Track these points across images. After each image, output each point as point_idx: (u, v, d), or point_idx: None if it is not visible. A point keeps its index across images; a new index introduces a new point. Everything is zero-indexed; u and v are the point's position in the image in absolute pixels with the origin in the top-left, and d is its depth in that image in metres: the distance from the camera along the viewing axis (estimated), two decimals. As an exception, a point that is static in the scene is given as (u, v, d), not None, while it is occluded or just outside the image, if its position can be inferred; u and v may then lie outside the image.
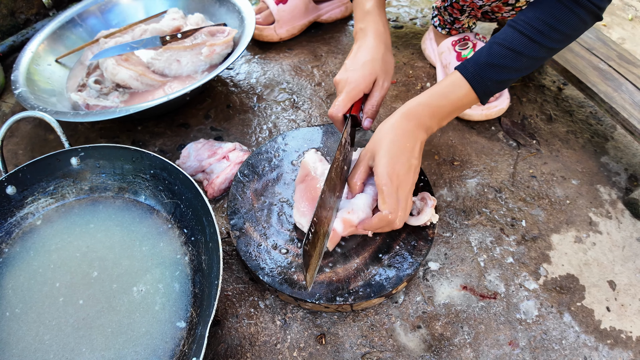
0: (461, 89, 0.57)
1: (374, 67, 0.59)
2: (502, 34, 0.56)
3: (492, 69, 0.55)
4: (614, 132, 0.85)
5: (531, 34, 0.54)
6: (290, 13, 0.96)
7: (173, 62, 0.82)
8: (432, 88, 0.58)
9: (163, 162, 0.61)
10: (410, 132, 0.55)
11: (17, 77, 0.77)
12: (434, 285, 0.62)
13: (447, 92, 0.57)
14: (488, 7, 0.74)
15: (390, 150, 0.53)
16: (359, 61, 0.59)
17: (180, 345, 0.52)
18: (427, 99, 0.57)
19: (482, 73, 0.56)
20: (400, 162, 0.53)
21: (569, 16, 0.53)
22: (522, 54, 0.55)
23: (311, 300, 0.55)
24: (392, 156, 0.53)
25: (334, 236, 0.55)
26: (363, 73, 0.58)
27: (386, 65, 0.61)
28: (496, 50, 0.55)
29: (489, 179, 0.76)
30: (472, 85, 0.56)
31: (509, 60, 0.55)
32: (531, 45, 0.54)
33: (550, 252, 0.67)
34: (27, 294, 0.56)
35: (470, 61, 0.57)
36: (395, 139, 0.54)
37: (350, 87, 0.58)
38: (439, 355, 0.56)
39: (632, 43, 1.05)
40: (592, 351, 0.57)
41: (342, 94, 0.58)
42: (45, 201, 0.64)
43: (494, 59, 0.55)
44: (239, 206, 0.64)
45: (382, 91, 0.60)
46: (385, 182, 0.52)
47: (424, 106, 0.57)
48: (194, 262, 0.58)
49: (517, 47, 0.54)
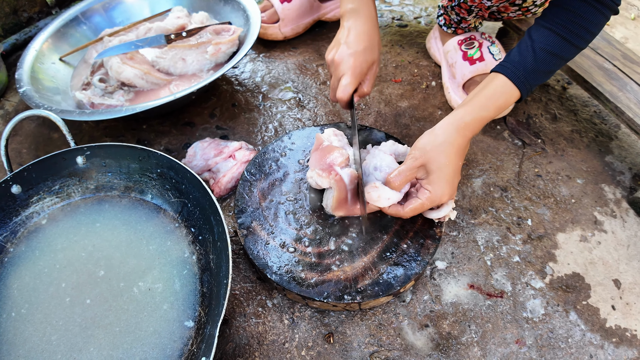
0: (512, 96, 0.58)
1: (373, 53, 0.61)
2: (542, 36, 0.56)
3: (538, 74, 0.57)
4: (618, 131, 0.85)
5: (569, 36, 0.55)
6: (295, 12, 0.96)
7: (178, 61, 0.82)
8: (482, 96, 0.58)
9: (170, 161, 0.61)
10: (464, 149, 0.58)
11: (21, 76, 0.77)
12: (442, 284, 0.63)
13: (501, 103, 0.58)
14: (495, 7, 0.74)
15: (448, 174, 0.56)
16: (359, 46, 0.60)
17: (188, 344, 0.52)
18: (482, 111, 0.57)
19: (531, 79, 0.57)
20: (454, 184, 0.57)
21: (596, 15, 0.54)
22: (563, 57, 0.57)
23: (319, 298, 0.55)
24: (449, 180, 0.56)
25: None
26: (365, 59, 0.60)
27: (379, 51, 0.64)
28: (541, 55, 0.56)
29: (494, 178, 0.76)
30: (521, 91, 0.57)
31: (551, 65, 0.57)
32: (570, 48, 0.56)
33: (556, 251, 0.67)
34: (33, 294, 0.55)
35: (519, 67, 0.57)
36: (452, 161, 0.56)
37: (357, 71, 0.59)
38: (446, 354, 0.56)
39: (635, 42, 1.06)
40: (598, 349, 0.58)
41: (347, 77, 0.59)
42: (51, 200, 0.63)
43: (540, 65, 0.56)
44: (246, 205, 0.64)
45: (374, 75, 0.64)
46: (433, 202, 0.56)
47: (479, 120, 0.57)
48: (202, 261, 0.58)
49: (559, 52, 0.56)
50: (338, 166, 0.60)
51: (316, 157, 0.62)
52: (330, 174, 0.59)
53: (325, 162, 0.60)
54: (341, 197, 0.59)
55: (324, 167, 0.60)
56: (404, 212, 0.57)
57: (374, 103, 0.87)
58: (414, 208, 0.56)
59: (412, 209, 0.56)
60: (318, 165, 0.61)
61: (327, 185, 0.60)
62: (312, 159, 0.63)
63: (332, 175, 0.59)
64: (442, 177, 0.55)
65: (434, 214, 0.60)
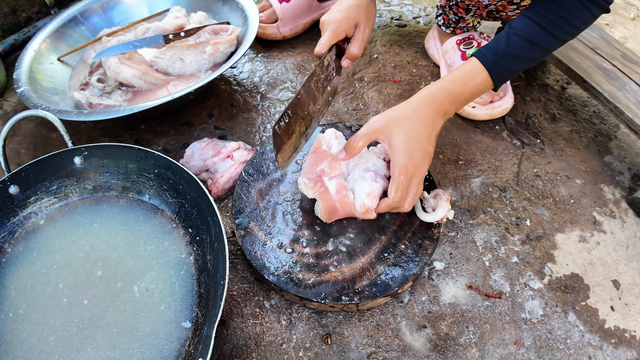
0: (480, 76, 0.58)
1: (357, 11, 0.61)
2: (520, 24, 0.57)
3: (509, 58, 0.57)
4: (617, 131, 0.85)
5: (548, 26, 0.56)
6: (294, 11, 0.95)
7: (176, 61, 0.82)
8: (451, 74, 0.60)
9: (167, 161, 0.60)
10: (430, 120, 0.57)
11: (19, 76, 0.77)
12: (440, 285, 0.62)
13: (467, 79, 0.59)
14: (493, 6, 0.74)
15: (409, 138, 0.55)
16: (343, 5, 0.62)
17: (185, 345, 0.52)
18: (448, 84, 0.59)
19: (501, 62, 0.58)
20: (417, 151, 0.55)
21: (581, 10, 0.55)
22: (538, 45, 0.57)
23: (317, 299, 0.54)
24: (410, 145, 0.55)
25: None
26: (347, 15, 0.61)
27: (368, 13, 0.63)
28: (514, 41, 0.57)
29: (493, 178, 0.76)
30: (490, 73, 0.58)
31: (525, 51, 0.57)
32: (547, 37, 0.56)
33: (555, 251, 0.67)
34: (31, 294, 0.55)
35: (489, 50, 0.58)
36: (415, 127, 0.55)
37: (334, 26, 0.60)
38: (444, 355, 0.56)
39: (635, 42, 1.05)
40: (597, 350, 0.57)
41: (326, 33, 0.60)
42: (49, 200, 0.63)
43: (512, 49, 0.57)
44: (244, 205, 0.64)
45: (363, 36, 0.62)
46: (401, 171, 0.54)
47: (446, 92, 0.58)
48: (199, 262, 0.58)
49: (534, 39, 0.56)
50: (327, 176, 0.59)
51: (309, 161, 0.61)
52: (315, 185, 0.58)
53: (314, 171, 0.59)
54: (328, 208, 0.58)
55: (311, 177, 0.59)
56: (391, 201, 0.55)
57: (373, 103, 0.87)
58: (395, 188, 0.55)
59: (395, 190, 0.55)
60: (307, 174, 0.59)
61: (312, 196, 0.59)
62: (306, 162, 0.62)
63: (317, 187, 0.58)
64: (403, 142, 0.54)
65: (430, 217, 0.60)
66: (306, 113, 0.57)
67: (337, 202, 0.58)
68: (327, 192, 0.58)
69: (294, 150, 0.58)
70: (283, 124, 0.52)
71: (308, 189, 0.59)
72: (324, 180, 0.59)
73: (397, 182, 0.54)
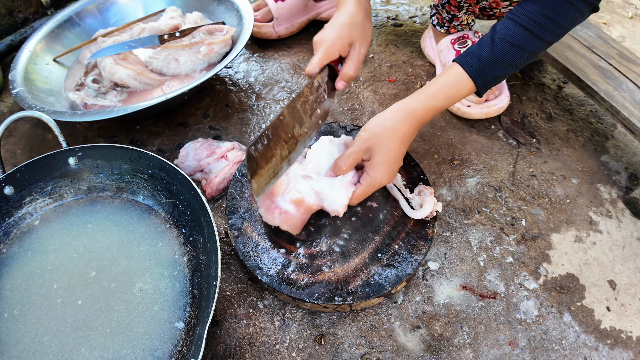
0: (465, 87, 0.57)
1: (351, 30, 0.59)
2: (504, 28, 0.56)
3: (494, 65, 0.56)
4: (614, 130, 0.84)
5: (534, 28, 0.54)
6: (289, 11, 0.95)
7: (171, 61, 0.82)
8: (434, 86, 0.58)
9: (161, 161, 0.60)
10: (408, 137, 0.58)
11: (14, 77, 0.77)
12: (434, 285, 0.62)
13: (453, 94, 0.58)
14: (486, 2, 0.73)
15: (389, 158, 0.56)
16: (337, 23, 0.59)
17: (178, 345, 0.52)
18: (432, 100, 0.58)
19: (486, 70, 0.56)
20: (393, 170, 0.58)
21: (568, 9, 0.53)
22: (525, 49, 0.55)
23: (310, 300, 0.54)
24: (389, 166, 0.57)
25: None
26: (340, 34, 0.58)
27: (364, 32, 0.61)
28: (499, 46, 0.55)
29: (488, 178, 0.75)
30: (475, 82, 0.57)
31: (511, 57, 0.55)
32: (533, 40, 0.55)
33: (550, 251, 0.67)
34: (25, 295, 0.55)
35: (473, 56, 0.56)
36: (396, 147, 0.56)
37: (327, 45, 0.58)
38: (438, 355, 0.56)
39: (633, 41, 1.05)
40: (592, 351, 0.57)
41: (318, 52, 0.58)
42: (44, 201, 0.63)
43: (497, 55, 0.55)
44: (238, 206, 0.64)
45: (358, 55, 0.60)
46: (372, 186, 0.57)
47: (428, 109, 0.58)
48: (193, 263, 0.58)
49: (520, 43, 0.55)
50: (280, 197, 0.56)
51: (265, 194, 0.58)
52: (273, 212, 0.56)
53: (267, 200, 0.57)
54: (296, 226, 0.58)
55: (267, 207, 0.57)
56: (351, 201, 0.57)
57: (368, 103, 0.87)
58: (358, 195, 0.57)
59: (357, 196, 0.57)
60: (263, 204, 0.57)
61: (277, 224, 0.57)
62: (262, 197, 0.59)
63: (277, 214, 0.56)
64: (383, 162, 0.56)
65: (419, 214, 0.60)
66: (290, 136, 0.54)
67: (301, 216, 0.58)
68: (288, 214, 0.57)
69: (273, 176, 0.54)
70: (260, 147, 0.49)
71: (269, 219, 0.57)
72: (278, 203, 0.57)
73: (361, 192, 0.57)
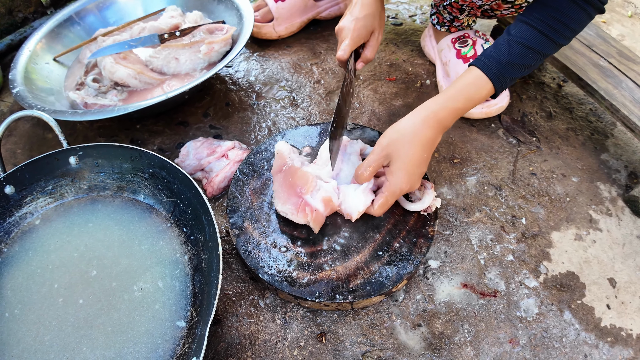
0: (485, 89, 0.58)
1: (373, 20, 0.66)
2: (519, 31, 0.57)
3: (512, 67, 0.57)
4: (614, 129, 0.84)
5: (547, 31, 0.55)
6: (289, 10, 0.95)
7: (171, 60, 0.82)
8: (454, 88, 0.59)
9: (162, 160, 0.61)
10: (431, 141, 0.58)
11: (14, 76, 0.77)
12: (434, 284, 0.62)
13: (472, 94, 0.58)
14: (487, 5, 0.74)
15: (409, 164, 0.57)
16: (361, 14, 0.65)
17: (180, 344, 0.52)
18: (450, 101, 0.58)
19: (505, 72, 0.57)
20: (415, 175, 0.58)
21: (578, 13, 0.54)
22: (540, 52, 0.56)
23: (311, 298, 0.55)
24: (410, 171, 0.57)
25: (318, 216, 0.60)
26: (365, 23, 0.65)
27: (381, 21, 0.68)
28: (516, 49, 0.56)
29: (489, 177, 0.75)
30: (494, 83, 0.58)
31: (527, 59, 0.57)
32: (547, 43, 0.56)
33: (551, 249, 0.67)
34: (26, 294, 0.55)
35: (492, 60, 0.57)
36: (415, 151, 0.56)
37: (355, 34, 0.65)
38: (439, 353, 0.56)
39: (632, 40, 1.05)
40: (593, 349, 0.57)
41: (347, 39, 0.65)
42: (44, 200, 0.63)
43: (514, 58, 0.57)
44: (239, 204, 0.64)
45: (376, 42, 0.68)
46: (393, 193, 0.57)
47: (449, 111, 0.58)
48: (194, 261, 0.58)
49: (535, 46, 0.56)
50: (309, 195, 0.58)
51: (282, 185, 0.60)
52: (305, 212, 0.57)
53: (295, 197, 0.58)
54: (322, 223, 0.60)
55: (296, 204, 0.58)
56: (374, 211, 0.59)
57: (368, 102, 0.87)
58: (381, 204, 0.58)
59: (380, 205, 0.58)
60: (289, 201, 0.59)
61: (305, 222, 0.59)
62: (278, 186, 0.61)
63: (308, 213, 0.57)
64: (402, 168, 0.56)
65: (415, 207, 0.61)
66: (342, 116, 0.63)
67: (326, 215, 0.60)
68: (319, 214, 0.58)
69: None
70: (332, 129, 0.58)
71: (299, 217, 0.58)
72: (309, 200, 0.58)
73: (383, 200, 0.58)
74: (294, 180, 0.59)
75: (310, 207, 0.58)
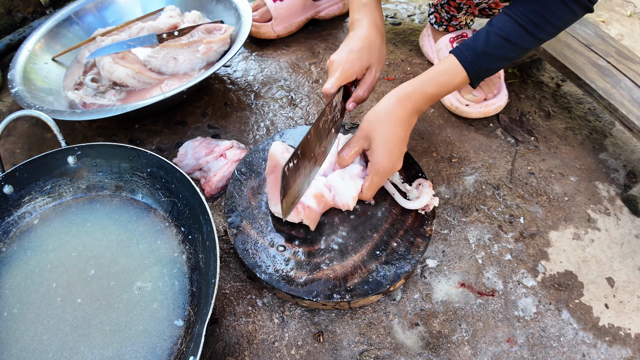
0: (458, 76, 0.59)
1: (370, 54, 0.60)
2: (500, 23, 0.57)
3: (488, 57, 0.57)
4: (612, 128, 0.84)
5: (528, 26, 0.55)
6: (288, 10, 0.95)
7: (170, 60, 0.82)
8: (428, 73, 0.60)
9: (159, 160, 0.61)
10: (405, 120, 0.59)
11: (13, 76, 0.77)
12: (432, 283, 0.62)
13: (444, 80, 0.59)
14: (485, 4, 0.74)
15: (387, 142, 0.57)
16: (356, 46, 0.60)
17: (178, 343, 0.52)
18: (424, 85, 0.59)
19: (479, 61, 0.58)
20: (395, 154, 0.58)
21: (562, 9, 0.54)
22: (517, 45, 0.57)
23: (308, 297, 0.55)
24: (389, 149, 0.57)
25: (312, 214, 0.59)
26: (360, 56, 0.60)
27: (380, 56, 0.62)
28: (493, 39, 0.57)
29: (487, 176, 0.75)
30: (468, 72, 0.58)
31: (504, 51, 0.57)
32: (526, 37, 0.56)
33: (549, 249, 0.67)
34: (25, 293, 0.55)
35: (468, 48, 0.58)
36: (392, 129, 0.57)
37: (346, 67, 0.59)
38: (436, 352, 0.56)
39: (631, 39, 1.05)
40: (591, 348, 0.57)
41: (337, 72, 0.59)
42: (43, 200, 0.63)
43: (491, 48, 0.57)
44: (237, 204, 0.64)
45: (373, 79, 0.62)
46: (377, 173, 0.58)
47: (421, 94, 0.59)
48: (192, 261, 0.58)
49: (513, 39, 0.56)
50: None
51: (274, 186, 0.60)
52: (297, 210, 0.57)
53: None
54: (316, 219, 0.60)
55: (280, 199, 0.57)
56: (363, 194, 0.60)
57: (366, 102, 0.87)
58: (367, 186, 0.59)
59: (367, 188, 0.59)
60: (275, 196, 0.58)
61: (299, 221, 0.59)
62: (270, 187, 0.61)
63: (301, 210, 0.57)
64: (381, 146, 0.57)
65: (413, 205, 0.61)
66: (312, 155, 0.56)
67: (320, 211, 0.60)
68: (312, 210, 0.58)
69: (297, 196, 0.55)
70: (292, 165, 0.50)
71: (291, 216, 0.58)
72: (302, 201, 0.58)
73: (369, 182, 0.59)
74: None
75: (303, 205, 0.58)
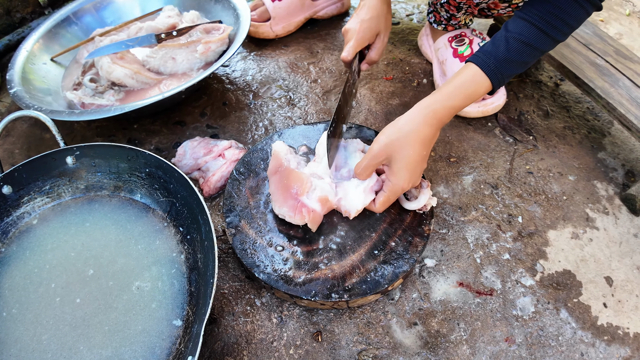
0: (482, 86, 0.58)
1: (378, 22, 0.68)
2: (517, 27, 0.57)
3: (510, 64, 0.57)
4: (611, 127, 0.84)
5: (546, 28, 0.55)
6: (286, 10, 0.95)
7: (168, 60, 0.82)
8: (452, 85, 0.58)
9: (158, 160, 0.61)
10: (430, 139, 0.58)
11: (12, 76, 0.77)
12: (430, 282, 0.62)
13: (470, 91, 0.58)
14: (485, 4, 0.74)
15: (410, 163, 0.57)
16: (367, 15, 0.67)
17: (176, 343, 0.52)
18: (450, 99, 0.58)
19: (502, 69, 0.57)
20: (416, 173, 0.59)
21: (576, 9, 0.54)
22: (537, 48, 0.56)
23: (307, 297, 0.55)
24: (411, 170, 0.57)
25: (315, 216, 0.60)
26: (370, 25, 0.67)
27: (387, 22, 0.70)
28: (514, 45, 0.56)
29: (485, 175, 0.75)
30: (492, 80, 0.58)
31: (525, 56, 0.57)
32: (545, 39, 0.56)
33: (547, 248, 0.67)
34: (24, 293, 0.56)
35: (490, 56, 0.57)
36: (416, 151, 0.57)
37: (360, 35, 0.67)
38: (435, 352, 0.56)
39: (630, 38, 1.05)
40: (589, 347, 0.57)
41: (352, 41, 0.67)
42: (42, 200, 0.63)
43: (512, 54, 0.56)
44: (235, 204, 0.64)
45: (382, 44, 0.70)
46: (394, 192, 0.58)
47: (448, 109, 0.58)
48: (190, 261, 0.58)
49: (533, 42, 0.56)
50: (305, 196, 0.58)
51: (278, 187, 0.60)
52: (301, 211, 0.58)
53: (291, 199, 0.58)
54: (319, 222, 0.60)
55: (293, 207, 0.58)
56: (376, 208, 0.60)
57: (365, 101, 0.87)
58: (382, 202, 0.59)
59: (381, 204, 0.60)
60: (285, 204, 0.59)
61: (303, 223, 0.58)
62: (274, 188, 0.61)
63: (306, 214, 0.57)
64: (404, 167, 0.57)
65: (412, 205, 0.61)
66: (343, 116, 0.65)
67: (324, 214, 0.60)
68: (316, 213, 0.58)
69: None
70: (332, 129, 0.59)
71: (296, 219, 0.58)
72: (305, 202, 0.58)
73: (385, 199, 0.59)
74: (289, 182, 0.59)
75: (307, 209, 0.58)
